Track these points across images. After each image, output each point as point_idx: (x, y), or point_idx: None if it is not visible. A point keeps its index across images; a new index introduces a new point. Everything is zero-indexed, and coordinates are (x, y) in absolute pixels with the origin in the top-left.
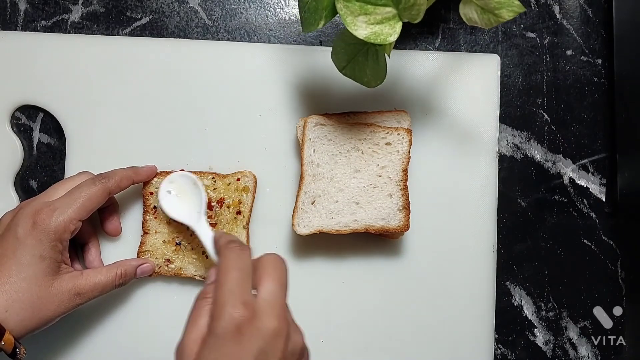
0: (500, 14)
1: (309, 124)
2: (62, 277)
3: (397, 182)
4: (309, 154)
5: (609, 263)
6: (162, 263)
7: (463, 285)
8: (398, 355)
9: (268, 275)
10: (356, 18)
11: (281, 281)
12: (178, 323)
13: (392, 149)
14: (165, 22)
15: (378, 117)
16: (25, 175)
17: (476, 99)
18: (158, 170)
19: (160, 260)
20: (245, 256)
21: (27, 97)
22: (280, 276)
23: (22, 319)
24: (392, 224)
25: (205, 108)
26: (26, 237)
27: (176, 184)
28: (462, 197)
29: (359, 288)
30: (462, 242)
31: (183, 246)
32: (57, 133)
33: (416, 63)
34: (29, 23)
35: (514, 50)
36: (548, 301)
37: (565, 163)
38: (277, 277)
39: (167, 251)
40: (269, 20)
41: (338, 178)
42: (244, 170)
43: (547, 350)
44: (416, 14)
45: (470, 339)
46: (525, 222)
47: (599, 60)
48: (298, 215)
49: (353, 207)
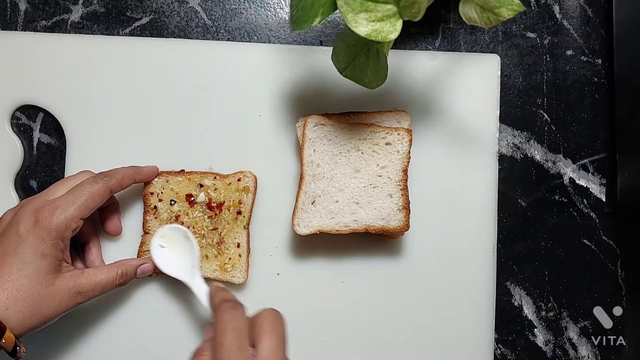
0: (499, 12)
1: (309, 124)
2: (63, 276)
3: (397, 182)
4: (309, 154)
5: (609, 263)
6: None
7: (463, 285)
8: (398, 355)
9: (266, 333)
10: (357, 15)
11: (280, 337)
12: (177, 323)
13: (392, 149)
14: (165, 22)
15: (378, 117)
16: (25, 175)
17: (476, 99)
18: (159, 171)
19: None
20: (239, 315)
21: (27, 97)
22: (279, 332)
23: (23, 317)
24: (392, 224)
25: (206, 108)
26: (28, 234)
27: (168, 238)
28: (462, 197)
29: (359, 288)
30: (462, 242)
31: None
32: (57, 133)
33: (416, 63)
34: (29, 23)
35: (514, 50)
36: (548, 301)
37: (565, 163)
38: (275, 334)
39: None
40: (269, 20)
41: (338, 178)
42: (245, 171)
43: (547, 350)
44: (416, 12)
45: (470, 339)
46: (525, 222)
47: (599, 60)
48: (298, 215)
49: (353, 207)
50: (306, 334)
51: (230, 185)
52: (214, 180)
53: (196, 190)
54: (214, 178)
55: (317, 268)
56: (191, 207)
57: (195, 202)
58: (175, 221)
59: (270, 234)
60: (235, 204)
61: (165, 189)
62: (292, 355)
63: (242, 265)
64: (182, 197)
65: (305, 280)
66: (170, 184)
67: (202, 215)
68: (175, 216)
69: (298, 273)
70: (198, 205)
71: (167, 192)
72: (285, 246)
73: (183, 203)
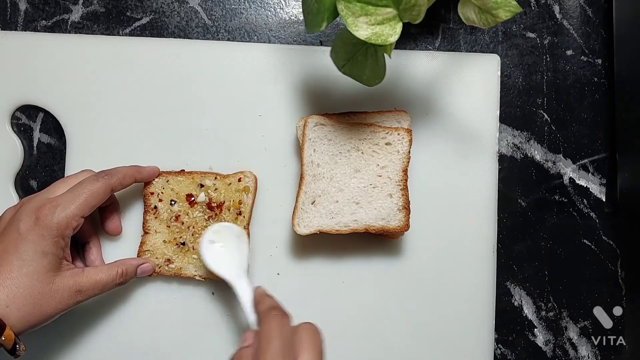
0: (497, 14)
1: (309, 124)
2: (63, 274)
3: (397, 182)
4: (309, 154)
5: (609, 263)
6: (163, 263)
7: (463, 285)
8: (398, 355)
9: (307, 347)
10: (357, 19)
11: (318, 352)
12: (178, 323)
13: (392, 149)
14: (165, 22)
15: (378, 117)
16: (26, 175)
17: (476, 99)
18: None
19: (161, 260)
20: (286, 325)
21: (27, 97)
22: (318, 347)
23: (22, 315)
24: (392, 224)
25: (206, 108)
26: (29, 232)
27: (221, 235)
28: (462, 197)
29: (359, 288)
30: (462, 242)
31: (186, 247)
32: (57, 133)
33: (416, 63)
34: (29, 23)
35: (514, 50)
36: (548, 301)
37: (565, 163)
38: (315, 349)
39: (168, 251)
40: (269, 20)
41: (338, 178)
42: (245, 171)
43: (547, 350)
44: (417, 14)
45: (470, 339)
46: (525, 222)
47: (599, 60)
48: (298, 215)
49: (353, 207)
50: None
51: (231, 186)
52: (214, 180)
53: (196, 190)
54: (215, 178)
55: (317, 268)
56: (191, 207)
57: (196, 202)
58: (176, 221)
59: (270, 234)
60: (236, 204)
61: (165, 189)
62: None
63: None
64: (182, 197)
65: (305, 280)
66: (171, 184)
67: (202, 216)
68: (176, 216)
69: (298, 273)
70: (198, 205)
71: (167, 192)
72: (285, 246)
73: (183, 203)
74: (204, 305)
